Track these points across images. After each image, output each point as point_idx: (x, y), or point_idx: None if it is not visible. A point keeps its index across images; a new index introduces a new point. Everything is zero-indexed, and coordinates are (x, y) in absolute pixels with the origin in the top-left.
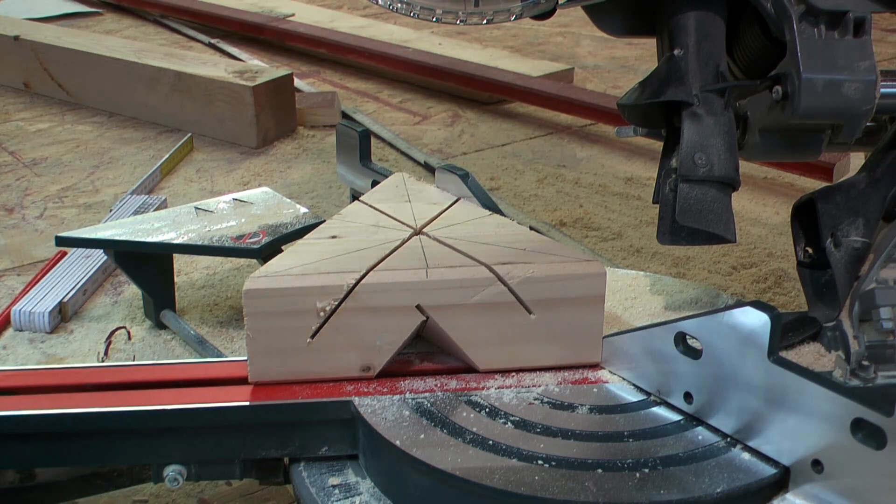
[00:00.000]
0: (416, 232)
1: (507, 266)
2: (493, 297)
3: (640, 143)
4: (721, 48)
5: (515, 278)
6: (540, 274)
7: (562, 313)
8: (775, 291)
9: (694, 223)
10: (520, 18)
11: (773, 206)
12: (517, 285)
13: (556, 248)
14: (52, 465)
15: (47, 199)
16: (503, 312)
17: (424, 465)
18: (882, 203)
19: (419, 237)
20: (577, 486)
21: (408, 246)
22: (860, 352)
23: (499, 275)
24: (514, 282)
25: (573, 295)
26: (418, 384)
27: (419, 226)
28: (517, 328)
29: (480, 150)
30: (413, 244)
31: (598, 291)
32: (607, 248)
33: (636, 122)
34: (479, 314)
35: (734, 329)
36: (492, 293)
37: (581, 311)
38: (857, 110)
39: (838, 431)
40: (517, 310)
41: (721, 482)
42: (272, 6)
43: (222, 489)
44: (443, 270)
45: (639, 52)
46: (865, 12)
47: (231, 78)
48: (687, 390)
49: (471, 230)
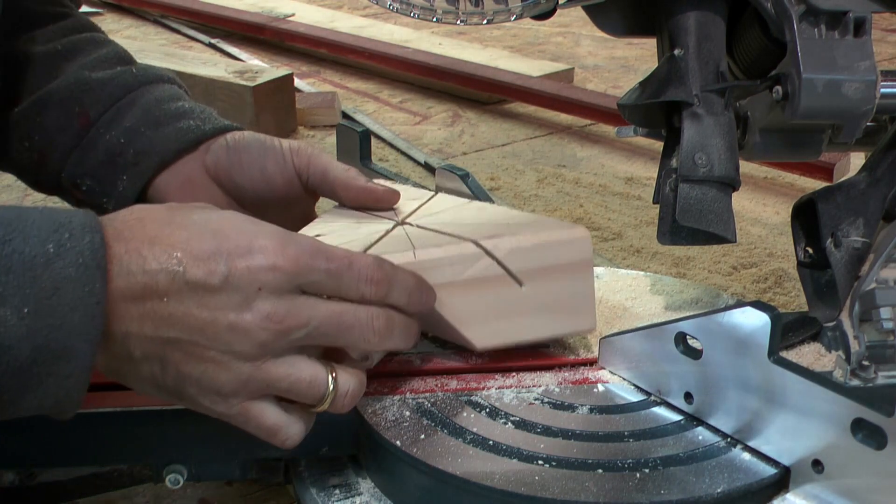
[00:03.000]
0: (399, 223)
1: (493, 240)
2: (482, 272)
3: (640, 143)
4: (721, 48)
5: (502, 250)
6: (526, 243)
7: (552, 281)
8: (775, 291)
9: (694, 223)
10: (520, 18)
11: (773, 206)
12: (505, 257)
13: (539, 220)
14: (52, 465)
15: (47, 199)
16: (494, 286)
17: (424, 465)
18: (882, 203)
19: (402, 227)
20: (577, 486)
21: (392, 235)
22: (860, 352)
23: (486, 248)
24: (501, 254)
25: (561, 261)
26: (418, 384)
27: (401, 217)
28: (509, 301)
29: (480, 150)
30: (397, 232)
31: (584, 255)
32: (607, 248)
33: (636, 122)
34: (470, 291)
35: (734, 329)
36: (481, 268)
37: (570, 278)
38: (857, 110)
39: (838, 431)
40: (508, 283)
41: (721, 482)
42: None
43: (222, 489)
44: (430, 250)
45: (639, 52)
46: (866, 12)
47: (231, 78)
48: (687, 390)
49: (453, 215)
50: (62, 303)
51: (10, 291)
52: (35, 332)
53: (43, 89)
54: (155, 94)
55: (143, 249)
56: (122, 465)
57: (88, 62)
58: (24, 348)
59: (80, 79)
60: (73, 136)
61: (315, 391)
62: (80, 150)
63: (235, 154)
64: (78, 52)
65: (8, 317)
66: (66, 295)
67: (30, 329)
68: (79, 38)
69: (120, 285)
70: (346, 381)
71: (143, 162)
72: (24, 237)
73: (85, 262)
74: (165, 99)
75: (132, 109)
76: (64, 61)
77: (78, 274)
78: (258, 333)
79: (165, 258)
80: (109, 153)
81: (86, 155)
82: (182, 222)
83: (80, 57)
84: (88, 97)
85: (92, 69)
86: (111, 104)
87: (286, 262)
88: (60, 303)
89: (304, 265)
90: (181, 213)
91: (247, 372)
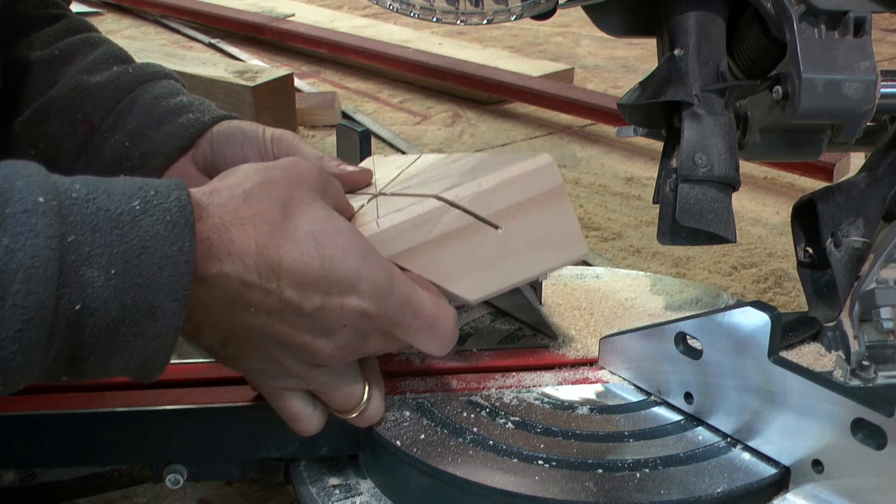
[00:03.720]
0: (375, 195)
1: (454, 190)
2: (452, 225)
3: (640, 143)
4: (721, 48)
5: (466, 198)
6: (488, 185)
7: (527, 217)
8: (775, 291)
9: (694, 223)
10: (520, 18)
11: (773, 206)
12: (470, 203)
13: (503, 159)
14: (52, 465)
15: None
16: (469, 236)
17: (425, 465)
18: (882, 203)
19: (376, 198)
20: (577, 486)
21: (363, 210)
22: (860, 352)
23: (448, 200)
24: (466, 202)
25: (530, 194)
26: (418, 384)
27: (379, 189)
28: (489, 247)
29: (480, 150)
30: (368, 206)
31: (553, 183)
32: (607, 248)
33: (636, 122)
34: (446, 246)
35: (734, 329)
36: (450, 221)
37: (545, 209)
38: (857, 110)
39: (838, 431)
40: (482, 229)
41: (721, 482)
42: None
43: (222, 489)
44: (392, 216)
45: (639, 52)
46: (865, 12)
47: (231, 78)
48: (687, 390)
49: (426, 175)
50: (151, 262)
51: (97, 251)
52: (123, 292)
53: (43, 97)
54: (153, 92)
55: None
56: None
57: (85, 65)
58: (112, 308)
59: (79, 84)
60: (78, 142)
61: (347, 404)
62: (86, 156)
63: (219, 147)
64: (75, 55)
65: (95, 278)
66: (155, 253)
67: (118, 289)
68: (75, 40)
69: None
70: (375, 406)
71: (149, 163)
72: (109, 195)
73: (173, 218)
74: (164, 95)
75: (133, 111)
76: (62, 66)
77: (167, 231)
78: (324, 358)
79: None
80: (115, 157)
81: (92, 161)
82: (291, 233)
83: (77, 60)
84: (89, 103)
85: (89, 73)
86: (112, 108)
87: (378, 312)
88: (149, 262)
89: (390, 319)
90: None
91: (297, 372)
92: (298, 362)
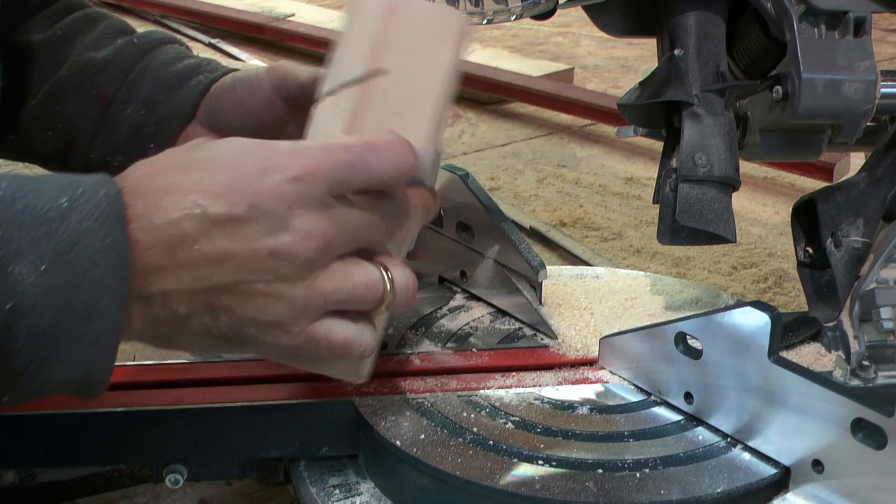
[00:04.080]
0: None
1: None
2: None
3: (640, 143)
4: (721, 48)
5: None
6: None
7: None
8: (775, 291)
9: (694, 223)
10: (520, 18)
11: (773, 206)
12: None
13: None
14: (52, 465)
15: None
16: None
17: (424, 465)
18: (882, 203)
19: None
20: (577, 486)
21: None
22: (860, 352)
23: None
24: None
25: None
26: (418, 384)
27: None
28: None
29: (480, 150)
30: None
31: None
32: (607, 248)
33: (636, 122)
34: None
35: (734, 329)
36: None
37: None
38: (857, 110)
39: (838, 431)
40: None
41: (721, 482)
42: (272, 6)
43: (222, 489)
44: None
45: (639, 52)
46: (865, 12)
47: None
48: (687, 390)
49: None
50: (82, 257)
51: (25, 247)
52: (55, 289)
53: (53, 78)
54: (161, 59)
55: (161, 201)
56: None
57: (90, 42)
58: (46, 309)
59: (87, 62)
60: (94, 119)
61: (374, 293)
62: (104, 129)
63: (217, 98)
64: (77, 33)
65: (24, 274)
66: (86, 248)
67: (49, 287)
68: (74, 18)
69: (146, 241)
70: (401, 275)
71: (166, 128)
72: (37, 193)
73: (102, 214)
74: (171, 61)
75: (144, 80)
76: (66, 46)
77: (96, 227)
78: (302, 253)
79: (184, 203)
80: (133, 127)
81: (111, 133)
82: (188, 164)
83: (80, 38)
84: (100, 78)
85: (95, 49)
86: (123, 80)
87: (305, 171)
88: (80, 257)
89: (324, 167)
90: (184, 156)
91: (301, 295)
92: (288, 285)
